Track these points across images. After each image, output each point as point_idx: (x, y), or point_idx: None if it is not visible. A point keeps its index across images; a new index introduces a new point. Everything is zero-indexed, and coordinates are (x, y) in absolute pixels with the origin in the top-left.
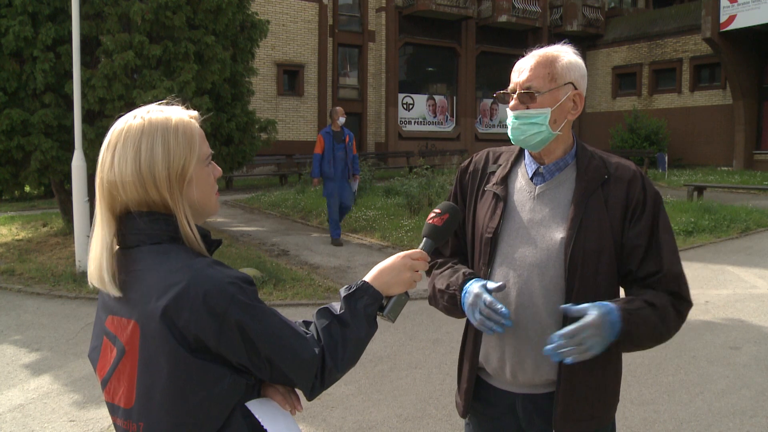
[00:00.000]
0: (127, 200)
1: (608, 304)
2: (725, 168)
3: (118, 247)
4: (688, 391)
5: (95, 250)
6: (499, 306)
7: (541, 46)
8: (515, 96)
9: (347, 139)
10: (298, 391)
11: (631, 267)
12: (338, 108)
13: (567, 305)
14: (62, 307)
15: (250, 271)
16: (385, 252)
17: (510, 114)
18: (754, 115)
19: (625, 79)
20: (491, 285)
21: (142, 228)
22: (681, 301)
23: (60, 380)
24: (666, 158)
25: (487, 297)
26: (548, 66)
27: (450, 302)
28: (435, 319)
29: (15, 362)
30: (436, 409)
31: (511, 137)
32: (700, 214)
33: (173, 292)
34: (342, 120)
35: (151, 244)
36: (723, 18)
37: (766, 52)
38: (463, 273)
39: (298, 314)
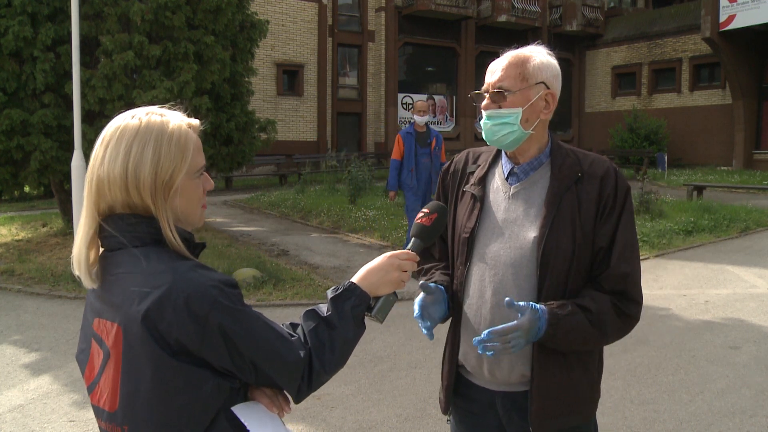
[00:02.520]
0: (112, 199)
1: (540, 309)
2: (725, 168)
3: (102, 249)
4: (688, 390)
5: (77, 241)
6: (416, 313)
7: (518, 47)
8: (487, 96)
9: (434, 143)
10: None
11: (593, 265)
12: (421, 101)
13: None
14: (62, 307)
15: (249, 272)
16: (385, 252)
17: (483, 114)
18: (754, 115)
19: (624, 79)
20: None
21: (125, 230)
22: (626, 302)
23: (60, 380)
24: (666, 158)
25: (415, 309)
26: (519, 66)
27: None
28: None
29: (15, 362)
30: (436, 409)
31: (485, 137)
32: (700, 213)
33: (155, 296)
34: (425, 118)
35: (134, 246)
36: (722, 18)
37: (766, 51)
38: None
39: (298, 314)
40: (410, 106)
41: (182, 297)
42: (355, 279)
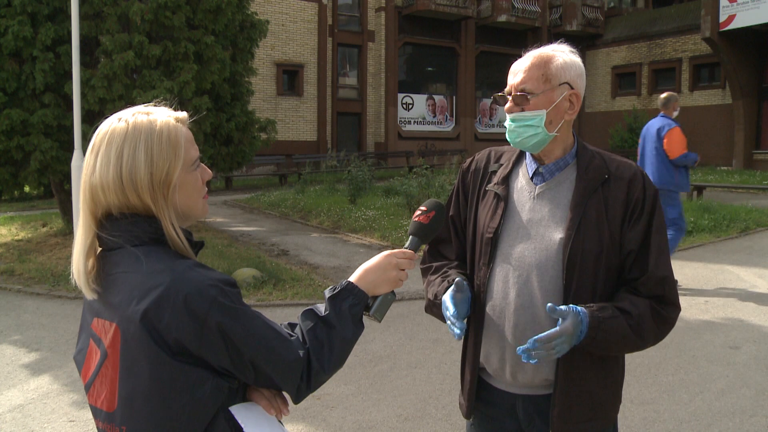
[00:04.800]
0: (108, 204)
1: (582, 312)
2: (725, 168)
3: (100, 249)
4: (688, 390)
5: (76, 252)
6: (452, 311)
7: (540, 46)
8: (510, 98)
9: None
10: (286, 394)
11: (624, 268)
12: (675, 93)
13: (552, 305)
14: (62, 307)
15: (249, 271)
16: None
17: (507, 116)
18: (754, 115)
19: (624, 79)
20: (456, 283)
21: (123, 230)
22: (665, 306)
23: (60, 380)
24: None
25: (446, 302)
26: (542, 67)
27: (440, 312)
28: (435, 319)
29: (15, 362)
30: (436, 409)
31: (508, 139)
32: (700, 213)
33: (153, 295)
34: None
35: (133, 246)
36: (722, 18)
37: (766, 51)
38: (448, 281)
39: (298, 314)
40: (410, 106)
41: (181, 296)
42: (352, 278)
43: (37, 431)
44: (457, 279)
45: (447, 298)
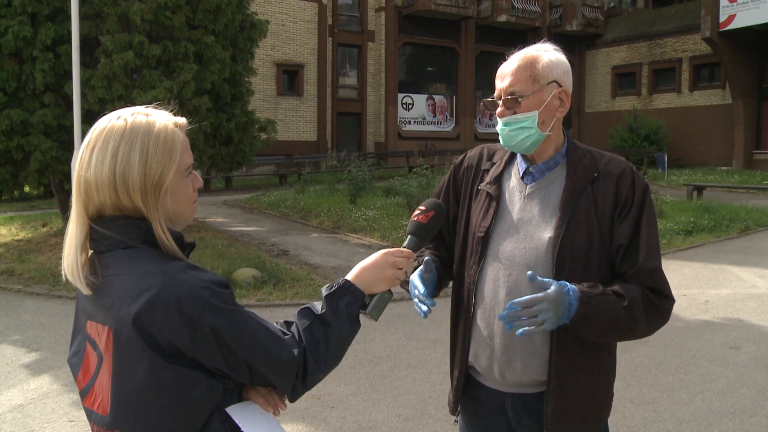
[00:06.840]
0: (101, 202)
1: (569, 285)
2: (724, 168)
3: (92, 251)
4: (688, 390)
5: (68, 247)
6: (422, 290)
7: (523, 47)
8: (501, 102)
9: None
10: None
11: (615, 263)
12: None
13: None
14: (62, 307)
15: (249, 271)
16: None
17: (499, 121)
18: (754, 115)
19: (624, 79)
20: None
21: (115, 231)
22: (659, 297)
23: (60, 380)
24: (665, 158)
25: (414, 281)
26: (529, 68)
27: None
28: (435, 319)
29: (15, 362)
30: (436, 409)
31: (503, 143)
32: (700, 213)
33: (145, 298)
34: None
35: (124, 248)
36: (722, 18)
37: (766, 51)
38: (418, 261)
39: None
40: (410, 106)
41: (173, 299)
42: (349, 276)
43: (37, 431)
44: (426, 258)
45: (415, 278)
